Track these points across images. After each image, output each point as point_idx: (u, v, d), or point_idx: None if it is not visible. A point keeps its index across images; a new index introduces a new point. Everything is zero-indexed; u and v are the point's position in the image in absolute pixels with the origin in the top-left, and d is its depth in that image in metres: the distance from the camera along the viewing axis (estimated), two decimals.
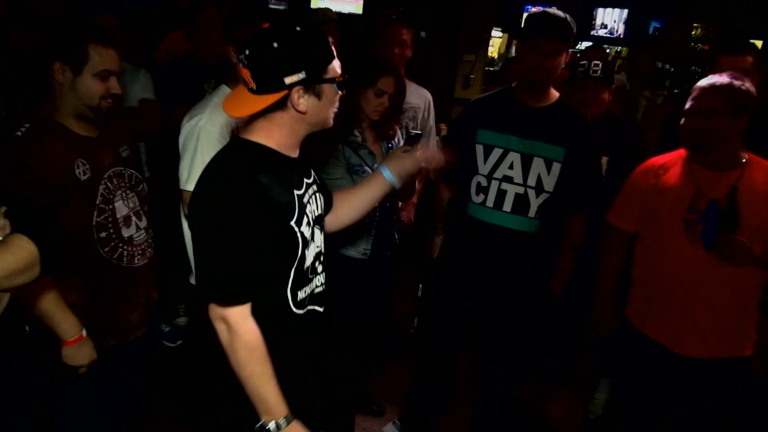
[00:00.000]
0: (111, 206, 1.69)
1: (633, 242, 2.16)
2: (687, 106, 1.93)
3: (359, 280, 2.20)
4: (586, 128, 2.17)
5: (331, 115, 1.36)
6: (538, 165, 2.10)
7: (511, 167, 2.12)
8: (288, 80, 1.24)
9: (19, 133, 1.57)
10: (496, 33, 9.50)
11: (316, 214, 1.45)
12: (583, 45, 8.59)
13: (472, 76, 5.53)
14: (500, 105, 2.20)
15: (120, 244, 1.71)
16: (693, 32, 7.44)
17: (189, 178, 1.89)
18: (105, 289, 1.72)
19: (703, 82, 1.91)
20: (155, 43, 3.80)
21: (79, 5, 2.98)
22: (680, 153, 2.05)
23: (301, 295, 1.39)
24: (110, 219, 1.68)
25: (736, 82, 1.86)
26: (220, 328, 1.27)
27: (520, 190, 2.12)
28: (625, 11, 8.01)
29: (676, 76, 6.52)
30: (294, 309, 1.37)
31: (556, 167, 2.10)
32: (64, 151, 1.60)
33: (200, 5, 3.24)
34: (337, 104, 1.36)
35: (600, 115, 2.57)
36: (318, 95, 1.29)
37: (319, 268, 1.48)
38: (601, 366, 2.96)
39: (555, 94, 2.17)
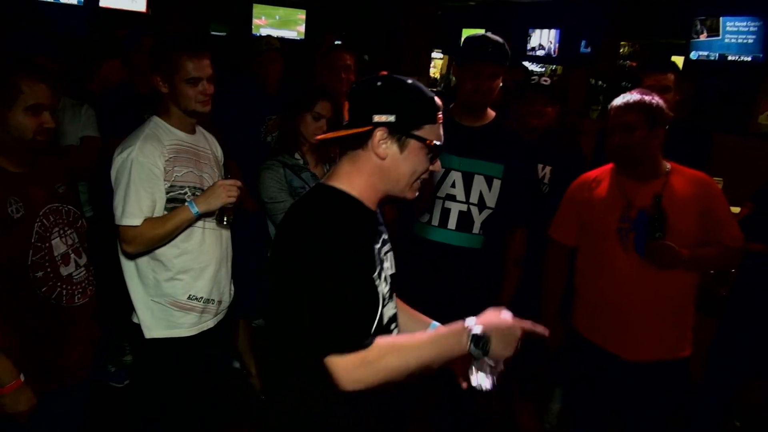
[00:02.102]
0: (47, 244, 1.63)
1: (575, 254, 2.25)
2: (609, 123, 2.05)
3: None
4: (522, 145, 2.27)
5: (411, 181, 1.28)
6: (479, 182, 2.17)
7: (453, 186, 2.18)
8: (376, 118, 1.23)
9: None
10: (436, 55, 9.75)
11: (390, 272, 1.37)
12: (526, 63, 8.96)
13: None
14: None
15: (58, 283, 1.65)
16: (621, 50, 7.87)
17: (124, 214, 1.83)
18: (43, 331, 1.65)
19: (618, 101, 2.04)
20: (92, 75, 3.72)
21: (15, 43, 2.89)
22: (610, 166, 2.16)
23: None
24: (47, 257, 1.63)
25: (647, 98, 1.99)
26: (349, 379, 1.16)
27: (464, 207, 2.18)
28: (557, 32, 8.39)
29: (608, 91, 6.87)
30: None
31: (497, 184, 2.18)
32: None
33: (137, 34, 3.21)
34: (420, 173, 1.28)
35: (542, 127, 2.68)
36: (401, 147, 1.25)
37: (395, 332, 1.39)
38: (554, 376, 3.03)
39: (491, 113, 2.26)
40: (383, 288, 1.30)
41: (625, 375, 2.08)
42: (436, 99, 1.28)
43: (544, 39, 8.61)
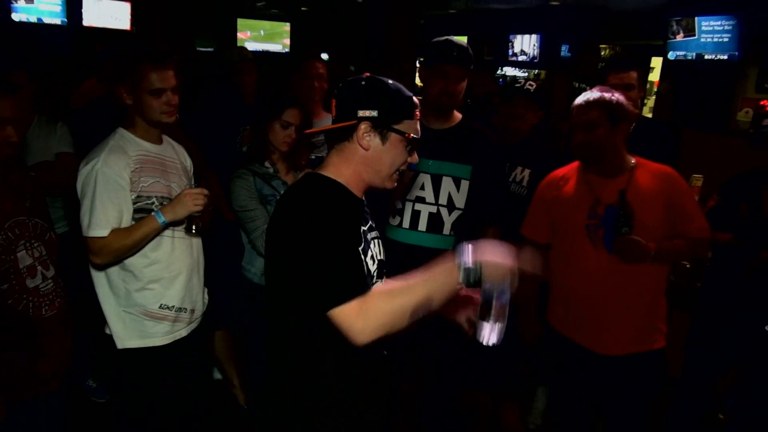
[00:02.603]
0: (12, 257, 1.64)
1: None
2: (571, 122, 2.09)
3: None
4: (490, 145, 2.30)
5: (391, 171, 1.41)
6: (447, 184, 2.20)
7: (422, 188, 2.21)
8: (360, 113, 1.36)
9: None
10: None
11: (379, 258, 1.48)
12: (504, 70, 9.06)
13: None
14: None
15: (24, 295, 1.66)
16: (602, 53, 7.97)
17: (91, 225, 1.84)
18: (12, 343, 1.65)
19: (579, 100, 2.07)
20: (72, 92, 3.76)
21: None
22: (576, 164, 2.19)
23: None
24: (12, 270, 1.64)
25: (607, 95, 2.03)
26: (355, 329, 1.26)
27: (433, 209, 2.20)
28: (538, 37, 8.49)
29: None
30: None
31: (465, 184, 2.20)
32: None
33: (114, 48, 3.24)
34: (399, 164, 1.41)
35: (524, 131, 2.72)
36: (383, 139, 1.38)
37: None
38: (538, 375, 3.04)
39: (458, 115, 2.29)
40: (370, 265, 1.40)
41: (600, 369, 2.10)
42: (414, 98, 1.41)
43: (525, 45, 8.70)
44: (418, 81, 7.42)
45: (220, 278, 2.51)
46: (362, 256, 1.37)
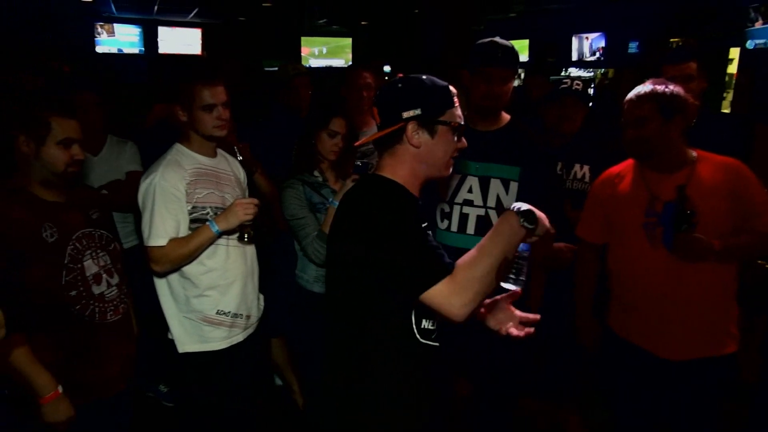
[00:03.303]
0: (80, 265, 1.77)
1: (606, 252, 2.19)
2: (623, 118, 2.01)
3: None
4: (538, 146, 2.24)
5: (446, 160, 1.46)
6: (495, 186, 2.16)
7: (470, 191, 2.18)
8: (405, 114, 1.40)
9: None
10: None
11: None
12: (569, 71, 8.81)
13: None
14: None
15: (91, 301, 1.79)
16: (672, 47, 7.57)
17: (150, 235, 1.96)
18: (78, 346, 1.78)
19: (630, 95, 1.99)
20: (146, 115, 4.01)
21: (61, 83, 3.17)
22: (633, 161, 2.10)
23: (426, 324, 1.45)
24: (79, 277, 1.76)
25: (659, 87, 1.93)
26: (454, 305, 1.30)
27: (481, 211, 2.17)
28: (603, 35, 8.21)
29: None
30: (419, 338, 1.44)
31: (514, 186, 2.16)
32: (29, 215, 1.70)
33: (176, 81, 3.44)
34: (451, 152, 1.46)
35: (574, 132, 2.66)
36: (432, 133, 1.42)
37: None
38: (600, 382, 2.91)
39: (506, 116, 2.25)
40: None
41: (664, 374, 2.00)
42: (450, 86, 1.44)
43: (590, 44, 8.43)
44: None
45: (275, 286, 2.59)
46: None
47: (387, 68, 8.25)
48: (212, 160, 2.14)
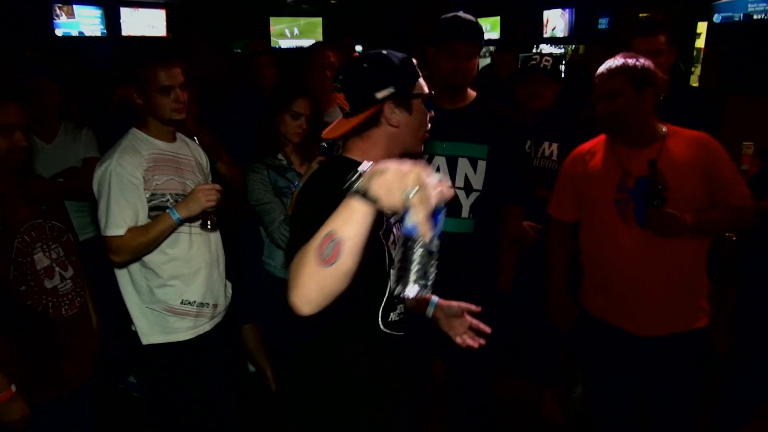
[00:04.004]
0: (29, 259, 1.68)
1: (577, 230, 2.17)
2: (594, 92, 1.97)
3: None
4: (507, 123, 2.19)
5: (422, 134, 1.41)
6: (463, 165, 2.11)
7: (437, 171, 2.13)
8: (379, 95, 1.32)
9: None
10: None
11: None
12: (541, 47, 8.78)
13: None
14: None
15: (43, 296, 1.70)
16: None
17: (108, 224, 1.87)
18: (32, 343, 1.70)
19: (602, 68, 1.96)
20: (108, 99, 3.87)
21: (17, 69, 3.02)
22: (603, 137, 2.07)
23: (393, 317, 1.42)
24: (29, 272, 1.68)
25: (630, 60, 1.90)
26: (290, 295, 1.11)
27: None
28: (572, 11, 8.18)
29: None
30: (382, 327, 1.40)
31: (482, 165, 2.11)
32: None
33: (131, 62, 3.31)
34: (427, 125, 1.41)
35: (544, 109, 2.63)
36: (409, 110, 1.36)
37: None
38: (574, 360, 2.94)
39: (472, 93, 2.20)
40: (392, 250, 1.37)
41: (639, 352, 1.99)
42: (407, 53, 1.38)
43: (559, 19, 8.40)
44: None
45: (244, 272, 2.52)
46: (383, 240, 1.35)
47: (358, 48, 8.12)
48: (171, 145, 2.05)
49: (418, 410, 2.40)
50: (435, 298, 1.64)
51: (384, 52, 1.36)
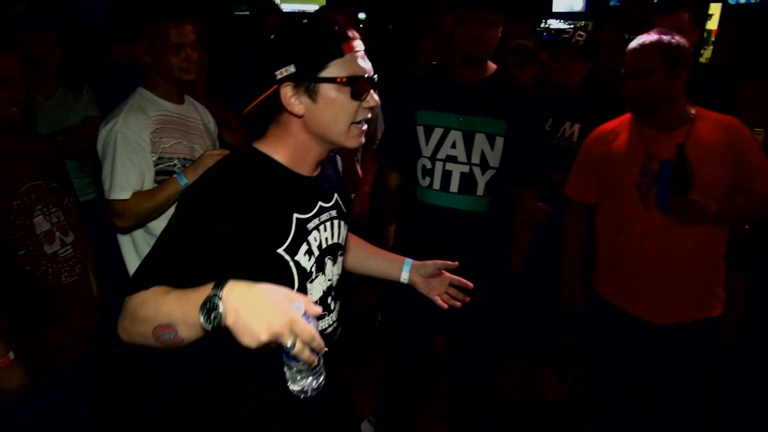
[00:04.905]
0: (29, 222, 1.60)
1: (594, 212, 2.12)
2: (624, 69, 1.89)
3: None
4: (527, 99, 2.11)
5: (341, 128, 1.14)
6: (480, 141, 2.04)
7: (453, 146, 2.05)
8: (278, 74, 1.10)
9: None
10: None
11: (330, 242, 1.27)
12: (549, 23, 8.60)
13: (434, 63, 5.47)
14: (437, 83, 2.13)
15: (42, 262, 1.62)
16: (655, 1, 7.43)
17: (112, 187, 1.80)
18: (32, 310, 1.62)
19: (633, 44, 1.88)
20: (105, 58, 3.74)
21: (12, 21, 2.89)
22: (628, 116, 2.00)
23: None
24: (28, 235, 1.59)
25: (665, 37, 1.82)
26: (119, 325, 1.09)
27: (465, 168, 2.05)
28: None
29: None
30: None
31: (500, 142, 2.04)
32: None
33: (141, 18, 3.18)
34: (349, 116, 1.14)
35: (570, 86, 2.54)
36: (313, 96, 1.12)
37: (332, 305, 1.32)
38: (576, 341, 2.92)
39: (492, 66, 2.10)
40: (305, 261, 1.19)
41: (649, 338, 1.96)
42: (341, 29, 1.12)
43: None
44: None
45: None
46: (286, 257, 1.16)
47: (362, 15, 7.89)
48: (179, 107, 1.97)
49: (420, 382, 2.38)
50: (408, 262, 1.52)
51: (305, 21, 1.14)
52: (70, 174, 1.90)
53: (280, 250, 1.15)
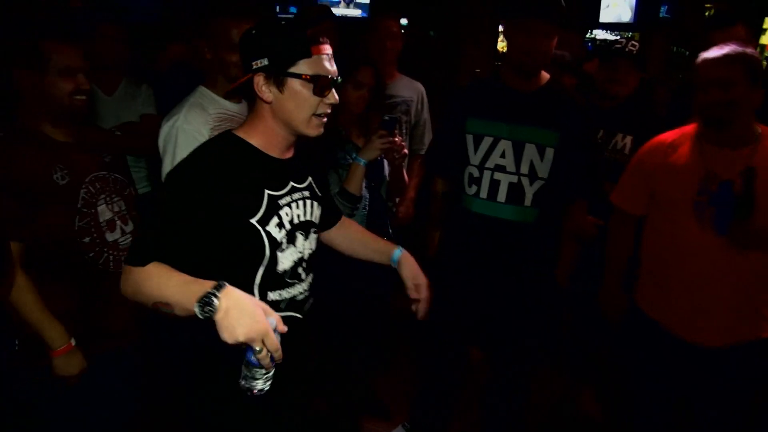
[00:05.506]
0: (93, 210, 1.67)
1: (641, 224, 2.07)
2: (702, 79, 1.82)
3: (350, 276, 2.15)
4: (580, 110, 2.09)
5: (302, 118, 1.33)
6: (530, 152, 2.02)
7: (502, 156, 2.05)
8: (254, 64, 1.30)
9: None
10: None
11: (301, 219, 1.44)
12: (595, 33, 8.46)
13: (477, 70, 5.46)
14: (488, 91, 2.13)
15: (105, 249, 1.69)
16: (706, 13, 7.24)
17: None
18: (93, 296, 1.69)
19: (714, 53, 1.81)
20: (157, 56, 3.84)
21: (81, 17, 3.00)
22: (689, 129, 1.94)
23: (272, 296, 1.39)
24: (92, 223, 1.67)
25: (749, 50, 1.77)
26: (123, 283, 1.30)
27: (513, 178, 2.04)
28: None
29: (691, 59, 6.34)
30: None
31: (550, 153, 2.02)
32: (39, 156, 1.58)
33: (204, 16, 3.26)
34: (309, 109, 1.33)
35: (623, 96, 2.51)
36: (280, 87, 1.30)
37: (303, 275, 1.47)
38: (617, 356, 2.86)
39: (545, 75, 2.09)
40: (276, 232, 1.36)
41: (694, 360, 1.92)
42: (313, 33, 1.30)
43: (619, 4, 8.06)
44: (501, 44, 7.05)
45: None
46: (258, 226, 1.33)
47: (404, 21, 7.90)
48: (238, 106, 2.02)
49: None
50: (396, 254, 1.63)
51: (283, 21, 1.32)
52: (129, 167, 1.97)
53: (253, 221, 1.33)
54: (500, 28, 6.28)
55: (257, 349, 1.13)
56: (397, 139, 2.06)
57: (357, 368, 2.41)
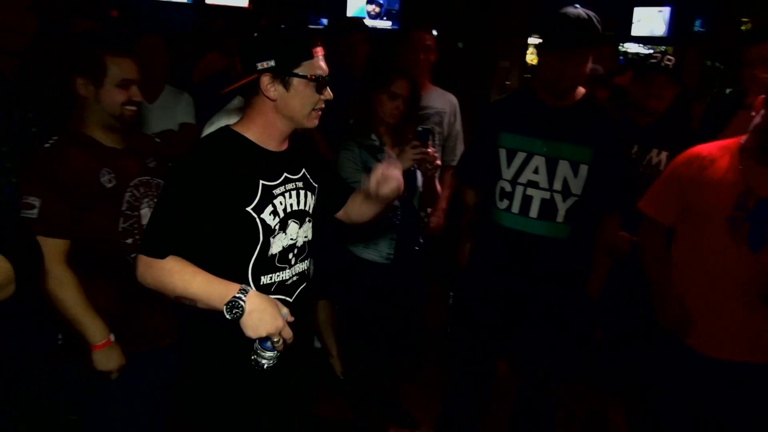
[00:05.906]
0: (137, 213, 1.74)
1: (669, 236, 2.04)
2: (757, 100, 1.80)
3: (383, 286, 2.18)
4: (615, 125, 2.08)
5: (305, 113, 1.44)
6: (563, 168, 2.02)
7: (536, 171, 2.04)
8: (259, 65, 1.39)
9: (47, 145, 1.65)
10: (535, 40, 9.36)
11: (295, 208, 1.54)
12: (626, 46, 8.39)
13: (508, 83, 5.46)
14: (522, 106, 2.12)
15: None
16: (742, 27, 7.12)
17: None
18: (133, 295, 1.74)
19: None
20: (193, 66, 3.94)
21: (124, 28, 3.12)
22: (729, 143, 1.91)
23: (264, 280, 1.49)
24: (136, 226, 1.73)
25: None
26: (145, 275, 1.39)
27: (546, 195, 2.03)
28: (668, 9, 7.76)
29: (726, 74, 6.22)
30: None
31: (584, 169, 2.01)
32: (89, 160, 1.66)
33: (236, 22, 3.34)
34: (311, 105, 1.43)
35: (660, 111, 2.48)
36: (286, 86, 1.40)
37: (294, 261, 1.57)
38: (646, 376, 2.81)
39: (581, 90, 2.08)
40: (270, 219, 1.45)
41: (720, 375, 1.89)
42: (312, 36, 1.42)
43: (652, 17, 7.99)
44: (530, 56, 7.03)
45: (325, 249, 2.53)
46: (253, 214, 1.43)
47: (434, 32, 7.95)
48: None
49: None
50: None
51: (284, 26, 1.41)
52: None
53: (249, 209, 1.43)
54: (529, 40, 6.29)
55: (275, 339, 1.31)
56: (430, 150, 2.07)
57: (385, 377, 2.42)
